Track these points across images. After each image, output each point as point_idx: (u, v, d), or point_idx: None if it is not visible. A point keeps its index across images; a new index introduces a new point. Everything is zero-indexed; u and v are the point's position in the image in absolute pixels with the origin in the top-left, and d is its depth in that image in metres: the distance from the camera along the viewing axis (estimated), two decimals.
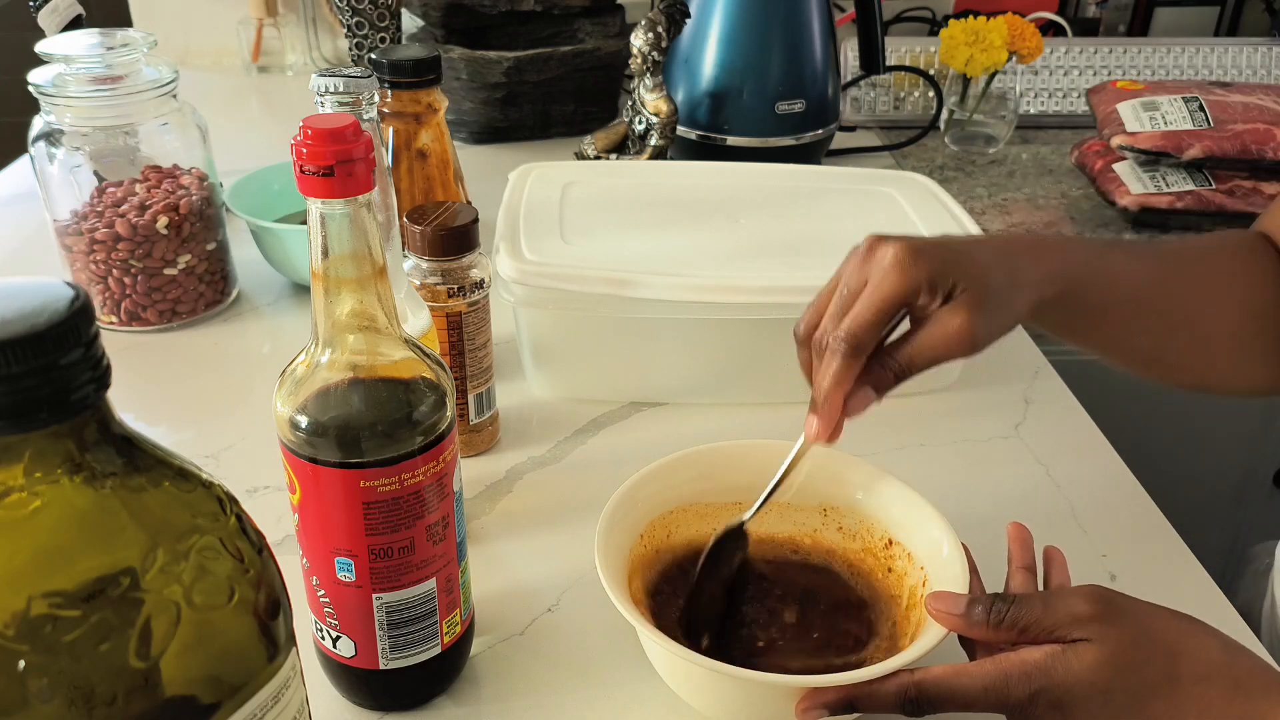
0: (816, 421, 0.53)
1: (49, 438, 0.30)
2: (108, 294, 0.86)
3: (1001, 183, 1.26)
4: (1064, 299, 0.56)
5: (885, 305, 0.51)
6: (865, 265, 0.53)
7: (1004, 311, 0.53)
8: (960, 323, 0.51)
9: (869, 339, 0.52)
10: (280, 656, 0.36)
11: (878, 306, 0.52)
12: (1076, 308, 0.57)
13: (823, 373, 0.52)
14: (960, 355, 0.52)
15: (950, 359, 0.52)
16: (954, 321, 0.51)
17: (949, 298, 0.52)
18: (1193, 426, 1.22)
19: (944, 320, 0.51)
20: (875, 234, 0.54)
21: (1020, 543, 0.55)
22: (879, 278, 0.52)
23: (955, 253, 0.53)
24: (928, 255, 0.52)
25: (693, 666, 0.49)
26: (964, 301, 0.51)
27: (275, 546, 0.37)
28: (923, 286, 0.51)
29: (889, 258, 0.52)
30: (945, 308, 0.52)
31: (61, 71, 0.82)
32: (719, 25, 1.11)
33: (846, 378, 0.52)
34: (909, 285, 0.51)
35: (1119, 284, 0.59)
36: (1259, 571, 0.82)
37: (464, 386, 0.71)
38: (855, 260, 0.54)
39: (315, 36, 1.56)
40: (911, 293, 0.51)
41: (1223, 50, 1.45)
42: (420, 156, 0.89)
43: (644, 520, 0.58)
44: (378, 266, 0.46)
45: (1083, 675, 0.44)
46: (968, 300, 0.51)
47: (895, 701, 0.46)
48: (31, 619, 0.29)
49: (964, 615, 0.48)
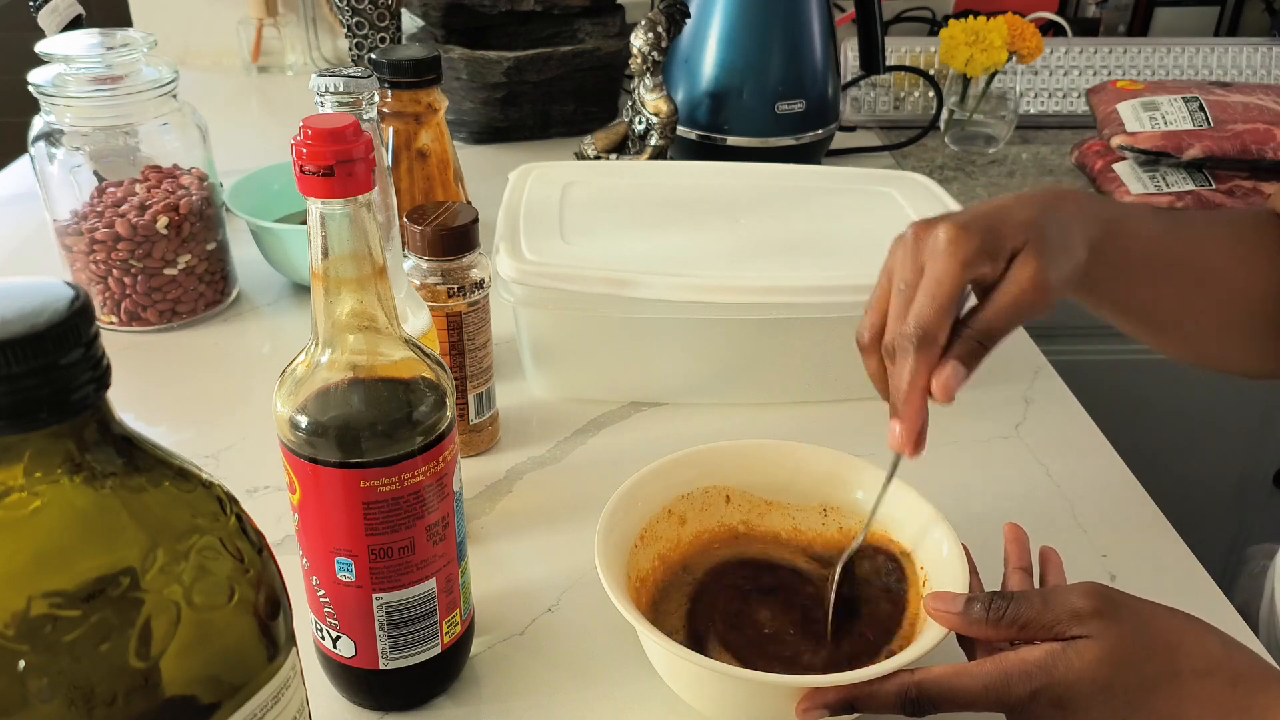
0: (899, 427, 0.51)
1: (49, 438, 0.30)
2: (108, 294, 0.86)
3: (1001, 183, 1.26)
4: (1105, 242, 0.55)
5: (948, 289, 0.50)
6: (917, 254, 0.51)
7: (1067, 255, 0.52)
8: (1031, 274, 0.50)
9: (939, 329, 0.50)
10: (280, 656, 0.36)
11: (941, 292, 0.50)
12: (1113, 254, 0.56)
13: (898, 375, 0.51)
14: (1039, 308, 0.50)
15: (1029, 314, 0.50)
16: (1025, 274, 0.50)
17: (1010, 261, 0.51)
18: (1193, 426, 1.22)
19: (1015, 277, 0.50)
20: (919, 220, 0.52)
21: (1016, 543, 0.55)
22: (935, 263, 0.50)
23: (1002, 216, 0.52)
24: (977, 227, 0.51)
25: (693, 666, 0.49)
26: (1029, 255, 0.50)
27: (275, 546, 0.37)
28: (982, 257, 0.50)
29: (941, 240, 0.50)
30: (1012, 267, 0.50)
31: (61, 71, 0.82)
32: (719, 25, 1.11)
33: (923, 373, 0.50)
34: (967, 260, 0.50)
35: (1149, 231, 0.59)
36: (1255, 572, 0.82)
37: (464, 386, 0.71)
38: (904, 251, 0.52)
39: (315, 36, 1.56)
40: (971, 267, 0.50)
41: (1223, 50, 1.45)
42: (420, 156, 0.89)
43: (644, 520, 0.58)
44: (378, 266, 0.46)
45: (1083, 672, 0.44)
46: (1032, 253, 0.50)
47: (895, 702, 0.46)
48: (31, 619, 0.29)
49: (963, 614, 0.48)
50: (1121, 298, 0.60)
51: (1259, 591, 0.79)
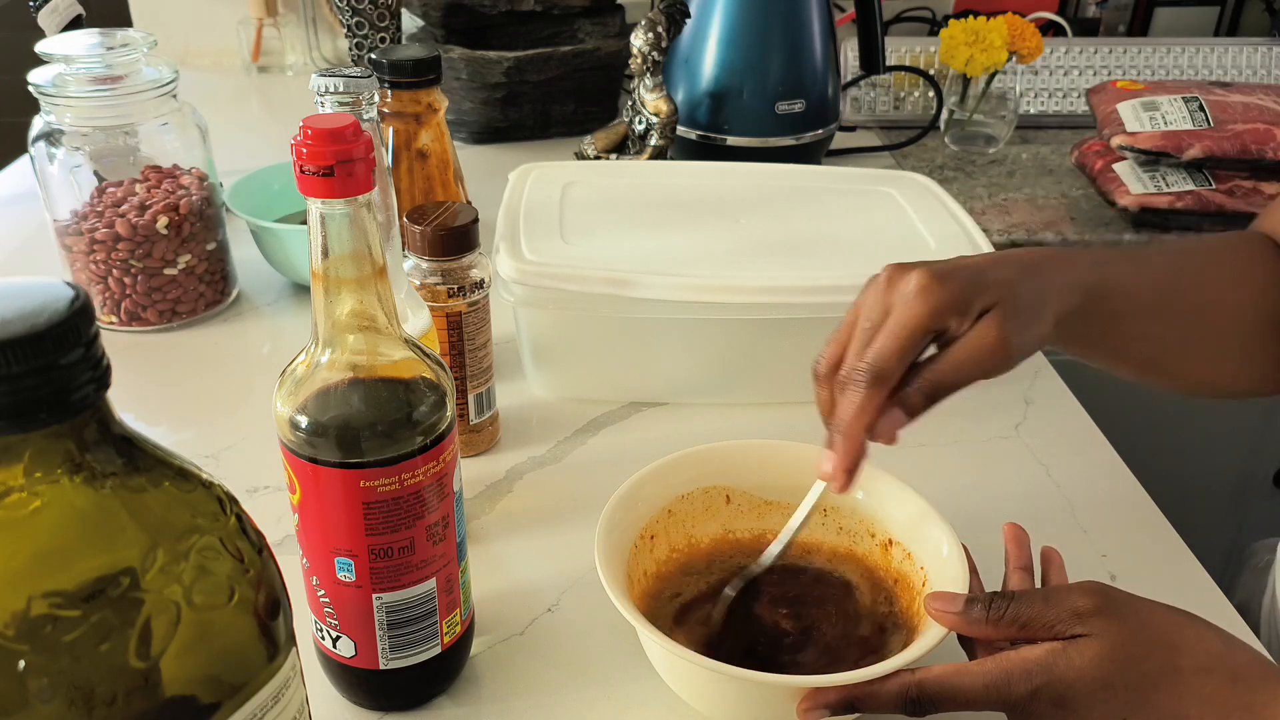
0: (831, 457, 0.51)
1: (49, 438, 0.30)
2: (108, 294, 0.86)
3: (1001, 183, 1.26)
4: (1084, 308, 0.55)
5: (911, 333, 0.50)
6: (887, 295, 0.51)
7: (1036, 323, 0.52)
8: (993, 336, 0.50)
9: (893, 369, 0.50)
10: (280, 656, 0.36)
11: (903, 334, 0.50)
12: (1094, 317, 0.56)
13: (842, 405, 0.51)
14: (994, 369, 0.50)
15: (984, 374, 0.50)
16: (987, 335, 0.50)
17: (978, 318, 0.50)
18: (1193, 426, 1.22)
19: (976, 335, 0.50)
20: (894, 264, 0.52)
21: (1017, 543, 0.55)
22: (902, 306, 0.50)
23: (979, 272, 0.52)
24: (952, 278, 0.50)
25: (693, 666, 0.49)
26: (995, 316, 0.50)
27: (275, 546, 0.37)
28: (950, 309, 0.50)
29: (912, 285, 0.50)
30: (977, 324, 0.50)
31: (61, 71, 0.82)
32: (719, 25, 1.11)
33: (867, 409, 0.50)
34: (934, 309, 0.50)
35: (1134, 290, 0.58)
36: (1258, 568, 0.82)
37: (464, 386, 0.71)
38: (875, 291, 0.52)
39: (315, 36, 1.56)
40: (937, 317, 0.50)
41: (1223, 50, 1.45)
42: (420, 156, 0.89)
43: (644, 520, 0.58)
44: (378, 266, 0.46)
45: (1084, 670, 0.44)
46: (999, 314, 0.50)
47: (896, 701, 0.46)
48: (31, 619, 0.29)
49: (963, 613, 0.48)
50: (1108, 351, 0.60)
51: (1261, 587, 0.79)
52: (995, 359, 0.50)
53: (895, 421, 0.50)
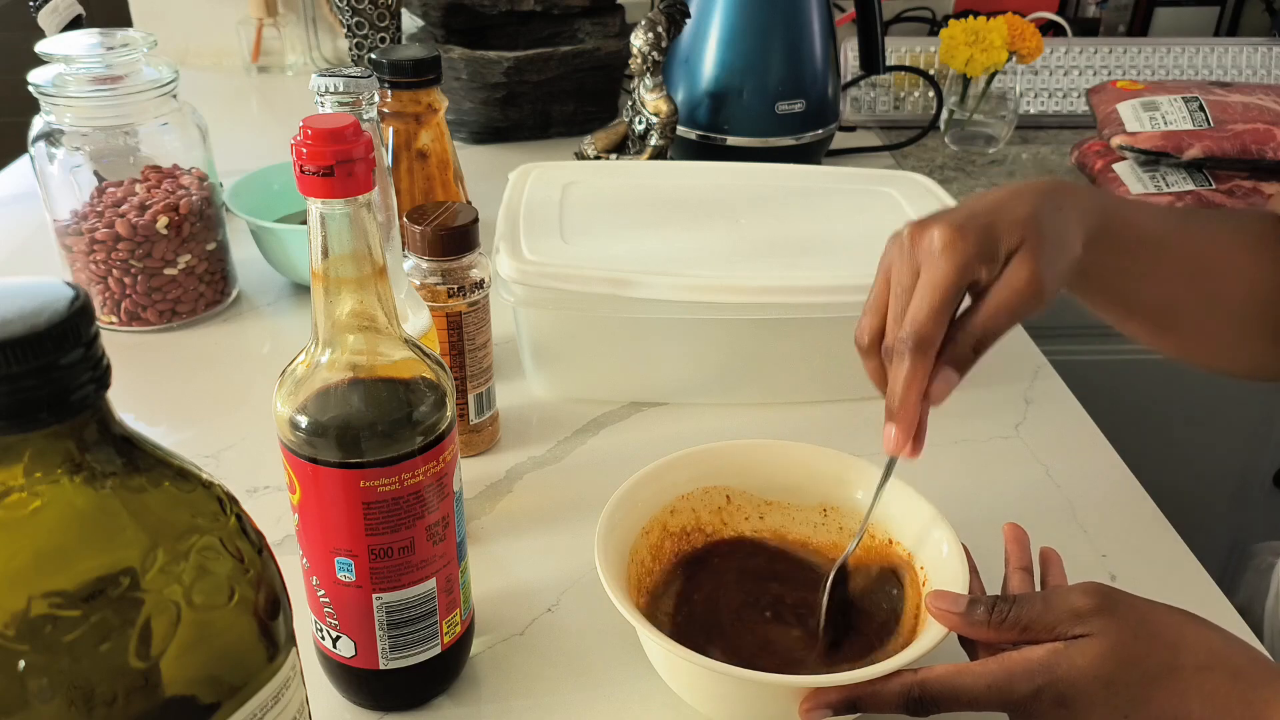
0: (895, 430, 0.51)
1: (49, 438, 0.30)
2: (108, 294, 0.86)
3: (1001, 183, 1.26)
4: (1102, 232, 0.55)
5: (944, 294, 0.50)
6: (913, 255, 0.51)
7: (1063, 251, 0.52)
8: (1027, 275, 0.50)
9: (934, 333, 0.50)
10: (280, 656, 0.36)
11: (936, 297, 0.50)
12: (1111, 243, 0.56)
13: (894, 378, 0.51)
14: (1034, 309, 0.50)
15: (1024, 314, 0.50)
16: (1020, 275, 0.50)
17: (1008, 260, 0.50)
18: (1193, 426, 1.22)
19: (1010, 279, 0.50)
20: (914, 220, 0.52)
21: (1017, 543, 0.55)
22: (930, 267, 0.50)
23: (999, 214, 0.51)
24: (974, 228, 0.50)
25: (693, 666, 0.49)
26: (1025, 256, 0.50)
27: (275, 546, 0.37)
28: (977, 260, 0.50)
29: (936, 242, 0.50)
30: (1007, 267, 0.50)
31: (61, 71, 0.82)
32: (719, 25, 1.11)
33: (919, 377, 0.50)
34: (963, 264, 0.50)
35: (1149, 222, 0.59)
36: (1261, 569, 0.82)
37: (464, 386, 0.71)
38: (900, 253, 0.52)
39: (315, 36, 1.56)
40: (967, 271, 0.50)
41: (1223, 50, 1.45)
42: (420, 157, 0.89)
43: (644, 520, 0.58)
44: (378, 266, 0.46)
45: (1086, 669, 0.44)
46: (1029, 253, 0.50)
47: (899, 701, 0.46)
48: (31, 619, 0.29)
49: (965, 615, 0.48)
50: (1118, 289, 0.60)
51: (1264, 589, 0.79)
52: (1032, 298, 0.50)
53: (948, 381, 0.51)
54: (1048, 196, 0.53)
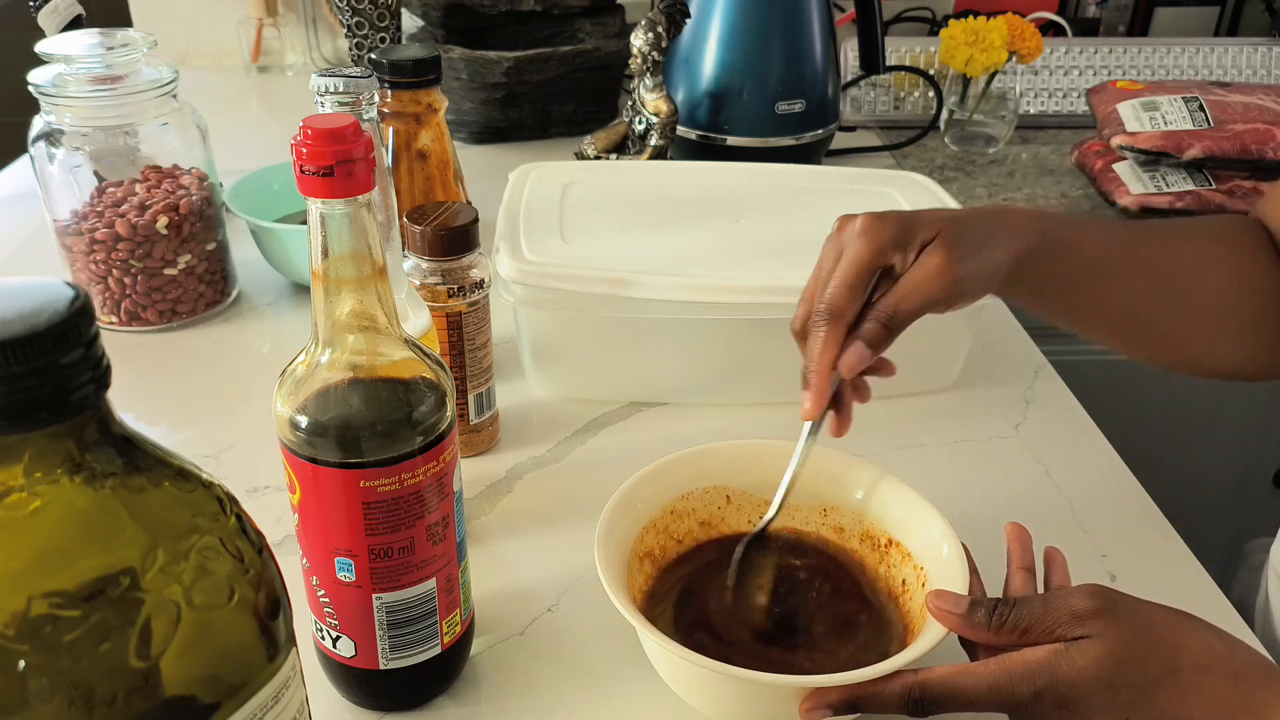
0: (808, 397, 0.54)
1: (49, 438, 0.30)
2: (108, 294, 0.86)
3: (1001, 183, 1.26)
4: (1041, 254, 0.57)
5: (857, 270, 0.53)
6: (837, 243, 0.55)
7: (982, 253, 0.55)
8: (938, 260, 0.53)
9: (844, 304, 0.53)
10: (280, 656, 0.36)
11: (850, 273, 0.53)
12: (1053, 266, 0.59)
13: (809, 348, 0.54)
14: (944, 296, 0.53)
15: (935, 301, 0.53)
16: (932, 260, 0.53)
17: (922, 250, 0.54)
18: (1193, 426, 1.22)
19: (923, 261, 0.53)
20: (844, 214, 0.56)
21: (1019, 543, 0.54)
22: (849, 248, 0.54)
23: (921, 214, 0.55)
24: (893, 218, 0.54)
25: (693, 666, 0.49)
26: (940, 243, 0.53)
27: (275, 546, 0.37)
28: (891, 243, 0.53)
29: (856, 226, 0.54)
30: (921, 254, 0.53)
31: (61, 71, 0.82)
32: (719, 25, 1.11)
33: (830, 345, 0.53)
34: (877, 245, 0.53)
35: (1094, 243, 0.61)
36: (1253, 566, 0.82)
37: (464, 386, 0.71)
38: (828, 243, 0.56)
39: (315, 36, 1.56)
40: (880, 252, 0.53)
41: (1223, 50, 1.45)
42: (420, 157, 0.89)
43: (644, 520, 0.58)
44: (378, 266, 0.46)
45: (1087, 670, 0.44)
46: (943, 241, 0.53)
47: (899, 701, 0.46)
48: (31, 619, 0.29)
49: (966, 617, 0.48)
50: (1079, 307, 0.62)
51: (1256, 586, 0.79)
52: (942, 284, 0.53)
53: (858, 353, 0.53)
54: (980, 211, 0.57)
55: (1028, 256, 0.57)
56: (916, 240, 0.54)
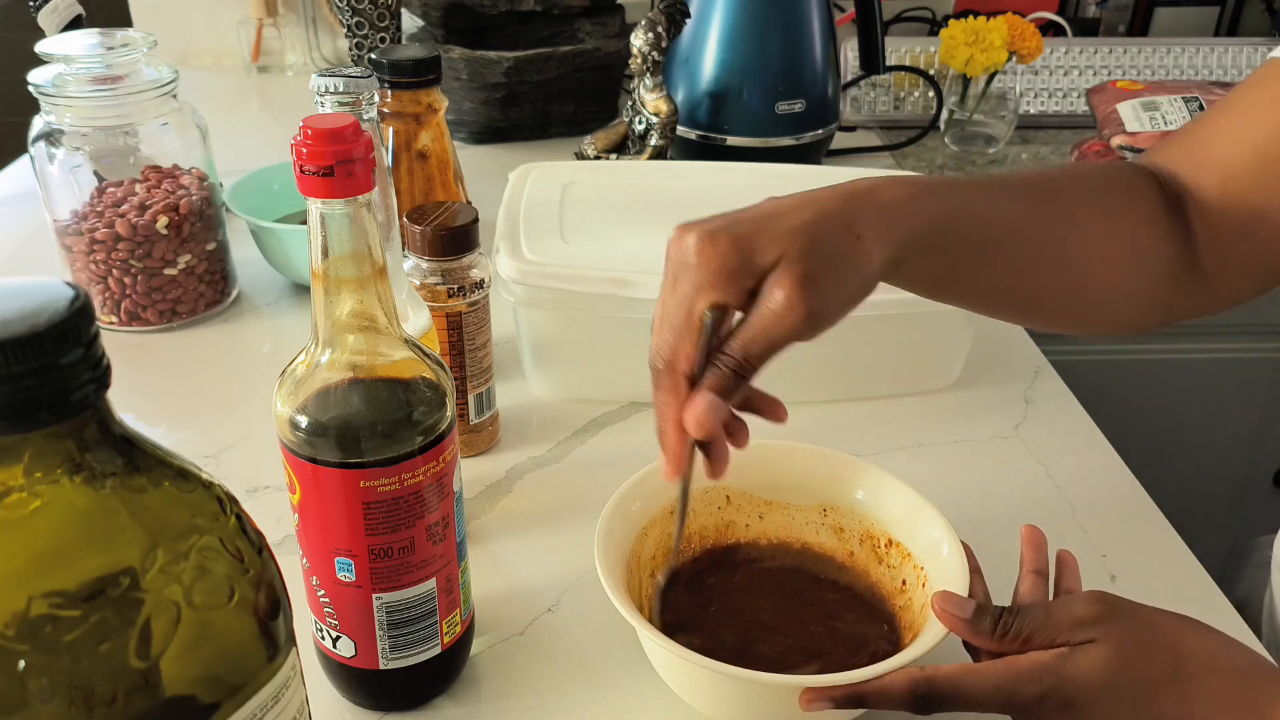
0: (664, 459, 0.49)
1: (49, 438, 0.30)
2: (108, 294, 0.86)
3: None
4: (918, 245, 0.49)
5: (686, 311, 0.45)
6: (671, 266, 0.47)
7: (842, 271, 0.46)
8: (783, 295, 0.44)
9: (676, 359, 0.46)
10: (280, 656, 0.36)
11: (676, 320, 0.46)
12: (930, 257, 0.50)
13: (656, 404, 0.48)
14: (798, 333, 0.45)
15: (788, 339, 0.45)
16: (777, 295, 0.44)
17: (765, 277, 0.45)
18: (1193, 426, 1.22)
19: (766, 297, 0.45)
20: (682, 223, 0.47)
21: (1033, 545, 0.54)
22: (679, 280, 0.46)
23: (764, 224, 0.46)
24: (726, 238, 0.45)
25: (692, 666, 0.49)
26: (782, 274, 0.45)
27: (275, 546, 0.37)
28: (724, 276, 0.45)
29: (687, 253, 0.46)
30: (765, 285, 0.45)
31: (61, 71, 0.82)
32: (719, 25, 1.11)
33: (672, 403, 0.47)
34: (704, 282, 0.45)
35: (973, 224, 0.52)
36: (1259, 564, 0.82)
37: (464, 386, 0.71)
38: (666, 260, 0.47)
39: (315, 36, 1.56)
40: (710, 287, 0.45)
41: (1223, 50, 1.45)
42: (420, 157, 0.89)
43: (644, 520, 0.58)
44: (378, 266, 0.46)
45: (1091, 673, 0.44)
46: (786, 272, 0.44)
47: (905, 697, 0.46)
48: (31, 619, 0.29)
49: (971, 623, 0.48)
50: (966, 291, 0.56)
51: (1263, 583, 0.78)
52: (791, 322, 0.44)
53: (707, 407, 0.45)
54: (840, 205, 0.47)
55: (903, 255, 0.48)
56: (756, 265, 0.45)
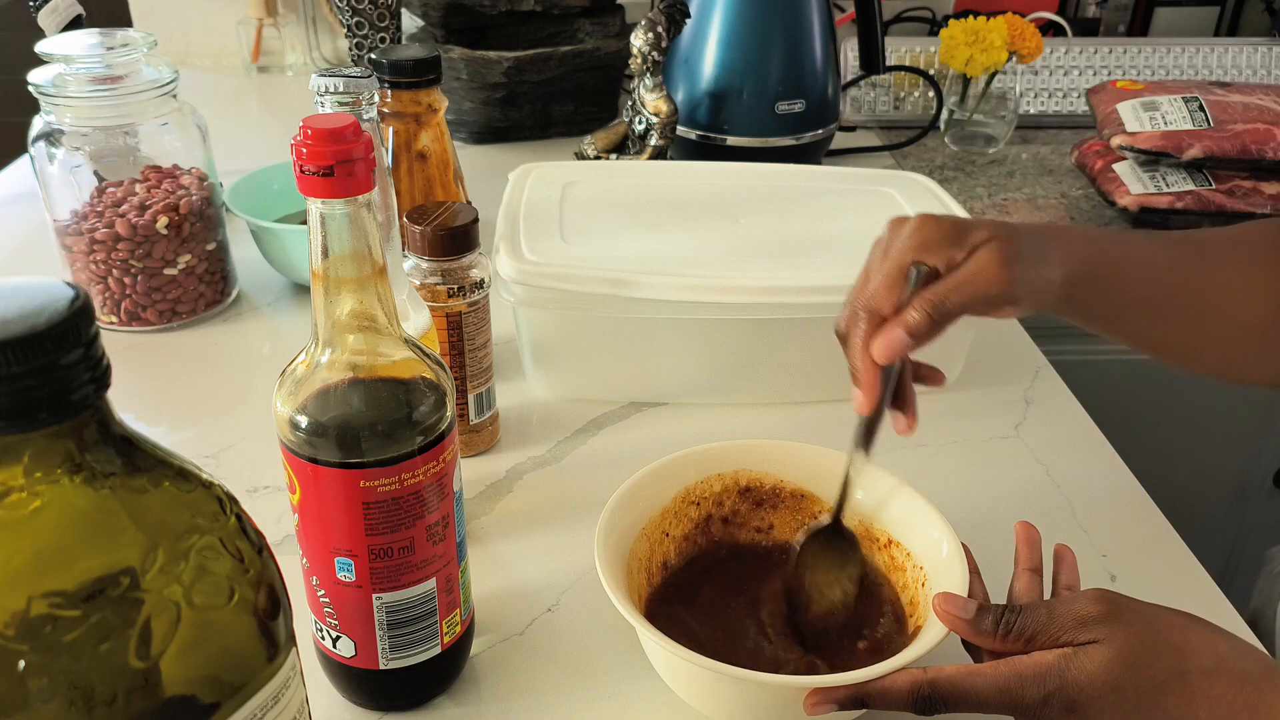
0: (859, 393, 0.54)
1: (49, 438, 0.30)
2: (108, 294, 0.86)
3: (1001, 183, 1.26)
4: (1091, 280, 0.56)
5: (899, 266, 0.52)
6: (888, 242, 0.54)
7: (1036, 262, 0.53)
8: (993, 258, 0.52)
9: (883, 299, 0.52)
10: (280, 656, 0.36)
11: (890, 267, 0.53)
12: (1103, 291, 0.58)
13: (850, 344, 0.53)
14: (995, 294, 0.52)
15: (985, 298, 0.52)
16: (987, 257, 0.52)
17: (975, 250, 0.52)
18: (1192, 427, 1.22)
19: (978, 257, 0.52)
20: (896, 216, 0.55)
21: (1028, 543, 0.54)
22: (896, 244, 0.53)
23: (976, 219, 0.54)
24: (946, 219, 0.53)
25: (693, 666, 0.49)
26: (995, 244, 0.52)
27: (275, 546, 0.37)
28: (940, 241, 0.52)
29: (908, 226, 0.54)
30: (975, 252, 0.52)
31: (61, 71, 0.82)
32: (719, 25, 1.11)
33: (869, 337, 0.52)
34: (923, 241, 0.52)
35: (1144, 271, 0.59)
36: (1274, 574, 0.82)
37: (464, 386, 0.71)
38: (877, 243, 0.55)
39: (315, 36, 1.56)
40: (926, 249, 0.52)
41: (1223, 50, 1.45)
42: (420, 157, 0.89)
43: (644, 520, 0.58)
44: (378, 266, 0.46)
45: (1095, 675, 0.44)
46: (995, 244, 0.52)
47: (908, 698, 0.46)
48: (31, 619, 0.29)
49: (973, 623, 0.47)
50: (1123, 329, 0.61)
51: (1277, 595, 0.78)
52: (995, 281, 0.52)
53: (895, 338, 0.51)
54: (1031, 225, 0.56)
55: (1078, 280, 0.56)
56: (969, 240, 0.53)
